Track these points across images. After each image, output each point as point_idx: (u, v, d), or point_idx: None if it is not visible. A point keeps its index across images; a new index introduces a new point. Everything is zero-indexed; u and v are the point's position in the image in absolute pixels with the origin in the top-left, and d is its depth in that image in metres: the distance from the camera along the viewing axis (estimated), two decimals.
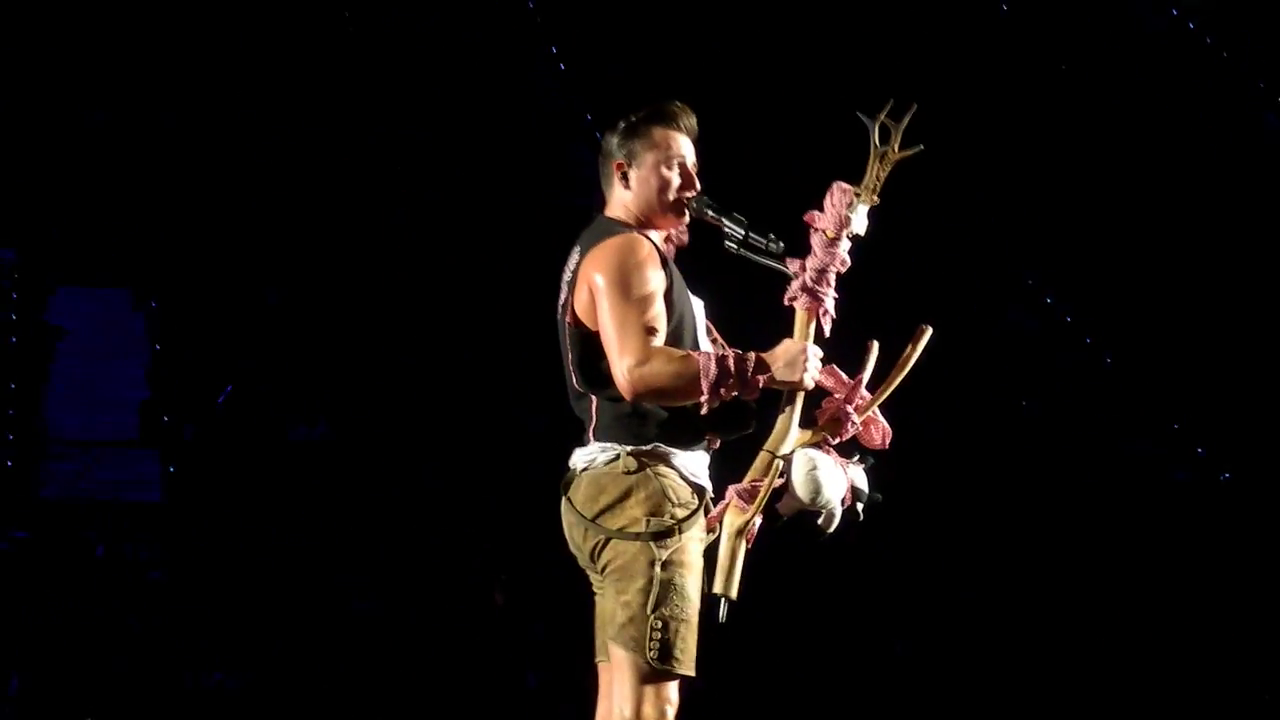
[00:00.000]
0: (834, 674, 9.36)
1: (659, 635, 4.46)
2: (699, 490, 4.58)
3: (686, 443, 4.57)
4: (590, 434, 4.61)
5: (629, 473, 4.53)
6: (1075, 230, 10.70)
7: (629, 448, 4.55)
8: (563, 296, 4.65)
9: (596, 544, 4.56)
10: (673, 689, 4.52)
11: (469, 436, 9.88)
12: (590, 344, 4.54)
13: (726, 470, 4.58)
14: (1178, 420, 10.28)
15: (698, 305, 4.67)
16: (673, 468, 4.55)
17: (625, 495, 4.52)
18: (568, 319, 4.58)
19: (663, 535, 4.49)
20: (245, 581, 9.37)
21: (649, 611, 4.46)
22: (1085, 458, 10.19)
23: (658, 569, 4.48)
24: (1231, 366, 10.34)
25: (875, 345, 4.60)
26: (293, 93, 10.41)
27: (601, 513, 4.54)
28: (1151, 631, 9.59)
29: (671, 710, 4.51)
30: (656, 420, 4.56)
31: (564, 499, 4.65)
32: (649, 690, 4.49)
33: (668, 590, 4.48)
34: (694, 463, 4.57)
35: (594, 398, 4.60)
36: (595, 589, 4.67)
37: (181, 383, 10.12)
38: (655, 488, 4.52)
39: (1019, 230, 10.67)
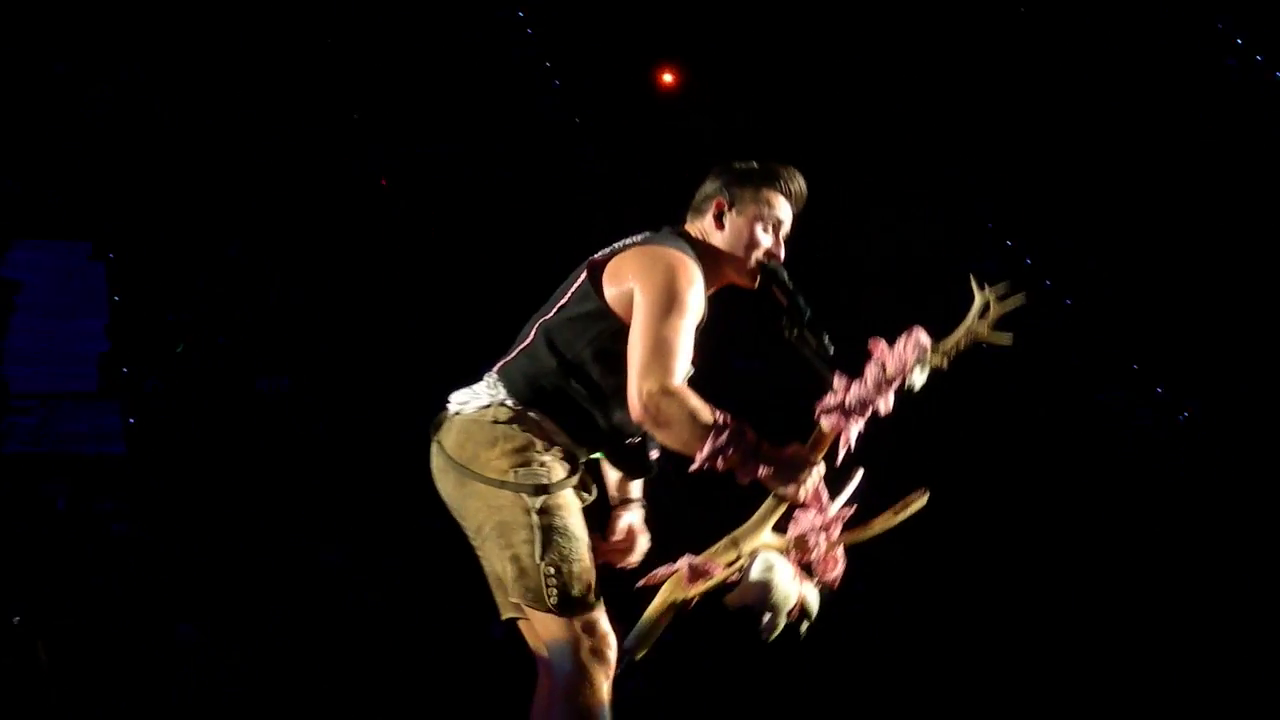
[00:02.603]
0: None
1: (554, 581, 4.41)
2: (569, 455, 4.51)
3: (574, 437, 4.51)
4: (495, 368, 4.56)
5: (497, 422, 4.47)
6: (1035, 174, 10.70)
7: (511, 399, 4.50)
8: (601, 254, 4.58)
9: (465, 500, 4.51)
10: (598, 624, 4.44)
11: (436, 389, 9.85)
12: (598, 322, 4.48)
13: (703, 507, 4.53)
14: (1139, 361, 10.31)
15: None
16: (541, 430, 4.47)
17: (490, 445, 4.46)
18: (591, 280, 4.48)
19: (533, 484, 4.42)
20: (210, 533, 9.36)
21: (538, 560, 4.41)
22: (1050, 400, 10.21)
23: (535, 516, 4.42)
24: (1193, 307, 10.35)
25: (860, 473, 4.56)
26: (257, 44, 10.33)
27: (468, 462, 4.48)
28: (1125, 581, 9.64)
29: (606, 645, 4.44)
30: (562, 405, 4.49)
31: (433, 442, 4.60)
32: (571, 636, 4.44)
33: (550, 535, 4.42)
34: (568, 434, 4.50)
35: (534, 338, 4.55)
36: (473, 545, 4.62)
37: (142, 335, 10.08)
38: (522, 441, 4.45)
39: (979, 176, 10.67)
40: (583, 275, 4.53)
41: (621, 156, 10.38)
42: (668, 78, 10.57)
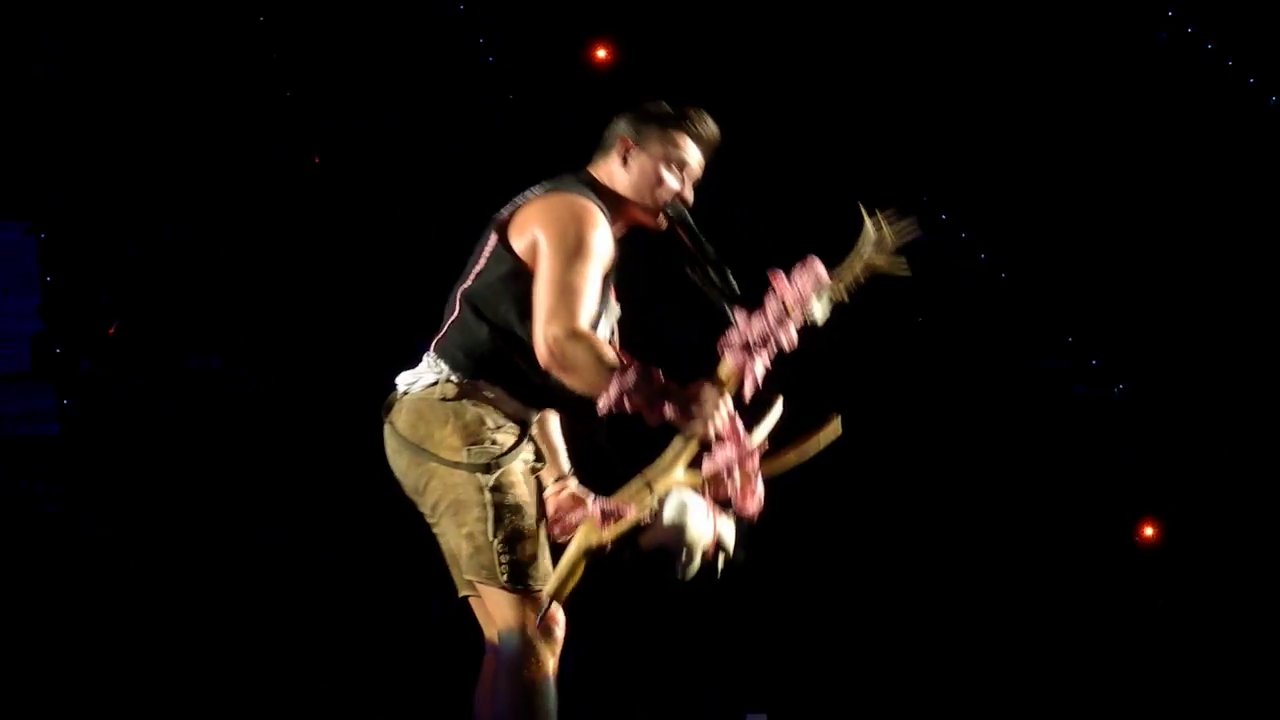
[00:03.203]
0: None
1: (506, 557, 4.45)
2: (520, 423, 4.53)
3: (515, 396, 4.51)
4: (432, 345, 4.58)
5: (446, 400, 4.48)
6: (970, 145, 10.72)
7: (455, 374, 4.51)
8: (504, 211, 4.60)
9: (421, 479, 4.52)
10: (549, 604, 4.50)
11: (371, 366, 9.81)
12: (516, 281, 4.48)
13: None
14: (1074, 333, 10.34)
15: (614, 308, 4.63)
16: (490, 400, 4.50)
17: (443, 423, 4.47)
18: (500, 240, 4.51)
19: (485, 464, 4.46)
20: (146, 514, 9.32)
21: (491, 538, 4.44)
22: (985, 373, 10.25)
23: (488, 494, 4.45)
24: (1131, 279, 10.40)
25: (779, 402, 4.57)
26: (186, 22, 10.26)
27: (422, 441, 4.49)
28: (1058, 552, 9.69)
29: (554, 622, 4.48)
30: (504, 369, 4.51)
31: (386, 424, 4.61)
32: (520, 612, 4.47)
33: (503, 511, 4.46)
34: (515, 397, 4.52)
35: (460, 308, 4.56)
36: (429, 523, 4.63)
37: (76, 315, 10.02)
38: (472, 416, 4.48)
39: (913, 146, 10.68)
40: (493, 237, 4.54)
41: (555, 132, 10.35)
42: (602, 53, 10.55)
